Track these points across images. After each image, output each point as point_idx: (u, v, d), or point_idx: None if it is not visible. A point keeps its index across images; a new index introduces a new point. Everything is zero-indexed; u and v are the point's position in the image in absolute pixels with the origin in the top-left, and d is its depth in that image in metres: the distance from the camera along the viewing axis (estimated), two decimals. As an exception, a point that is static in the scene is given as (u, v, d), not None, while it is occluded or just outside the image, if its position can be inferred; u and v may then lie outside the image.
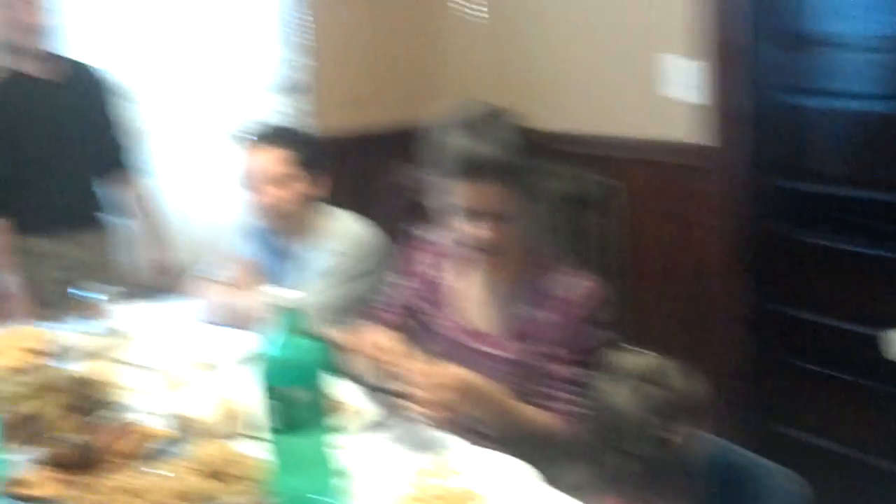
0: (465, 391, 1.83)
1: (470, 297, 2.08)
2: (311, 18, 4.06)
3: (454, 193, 1.91)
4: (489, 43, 4.17)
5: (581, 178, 3.46)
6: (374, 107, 4.28)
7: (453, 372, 1.84)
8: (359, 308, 2.52)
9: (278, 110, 4.02)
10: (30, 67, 3.27)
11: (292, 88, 4.04)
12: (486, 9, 4.14)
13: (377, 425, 1.91)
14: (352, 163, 4.06)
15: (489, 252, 1.95)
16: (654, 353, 1.63)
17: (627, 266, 3.51)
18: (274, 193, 2.57)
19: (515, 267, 2.01)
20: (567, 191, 3.42)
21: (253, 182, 2.59)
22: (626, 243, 3.52)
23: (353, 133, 4.15)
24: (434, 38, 4.44)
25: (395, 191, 3.30)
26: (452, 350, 2.05)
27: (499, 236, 1.92)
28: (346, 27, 4.20)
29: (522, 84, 3.88)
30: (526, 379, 1.95)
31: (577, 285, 1.96)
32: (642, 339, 1.77)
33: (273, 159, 2.58)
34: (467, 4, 4.20)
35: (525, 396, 1.94)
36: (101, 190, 3.45)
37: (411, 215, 3.23)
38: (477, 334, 2.04)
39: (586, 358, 1.89)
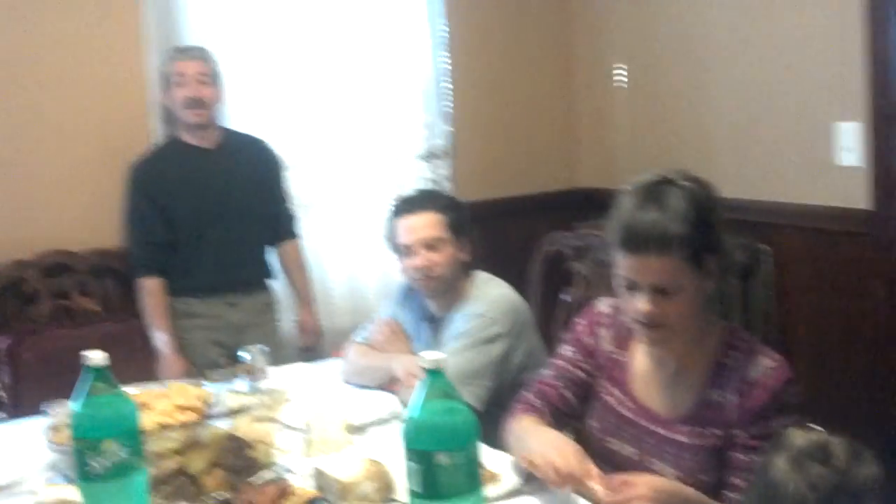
0: (662, 501, 1.72)
1: (643, 374, 1.98)
2: (452, 86, 4.16)
3: (621, 266, 1.83)
4: (631, 109, 4.17)
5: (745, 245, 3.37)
6: (511, 173, 4.33)
7: (646, 482, 1.74)
8: (494, 371, 2.52)
9: (422, 176, 4.11)
10: (190, 136, 3.46)
11: (434, 155, 4.13)
12: (626, 75, 4.15)
13: (517, 492, 1.89)
14: (490, 228, 4.10)
15: (654, 328, 1.84)
16: (819, 428, 1.55)
17: (776, 334, 3.38)
18: (427, 257, 2.61)
19: (689, 344, 1.89)
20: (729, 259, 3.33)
21: (407, 246, 2.63)
22: (776, 310, 3.40)
23: (491, 198, 4.20)
24: (574, 104, 4.48)
25: (538, 255, 3.29)
26: (623, 428, 1.97)
27: (667, 311, 1.81)
28: (485, 93, 4.28)
29: (665, 150, 3.86)
30: (703, 465, 1.83)
31: (761, 364, 1.81)
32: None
33: (428, 223, 2.63)
34: (616, 72, 4.21)
35: (701, 484, 1.81)
36: (256, 254, 3.59)
37: (553, 281, 3.24)
38: (650, 415, 1.94)
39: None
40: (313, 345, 3.66)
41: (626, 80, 4.16)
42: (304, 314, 3.68)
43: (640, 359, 1.99)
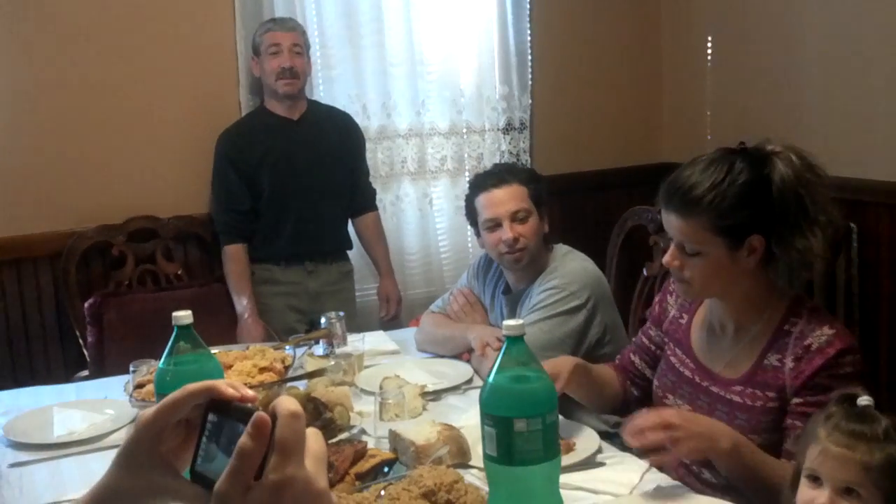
0: (691, 418, 1.78)
1: (704, 336, 2.01)
2: (532, 57, 4.13)
3: (665, 223, 1.91)
4: (716, 82, 4.08)
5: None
6: (592, 147, 4.29)
7: (668, 413, 1.80)
8: (571, 343, 2.51)
9: (501, 149, 4.09)
10: (278, 107, 3.51)
11: (513, 127, 4.11)
12: (712, 48, 4.07)
13: (592, 463, 1.88)
14: (569, 201, 4.07)
15: (678, 280, 1.91)
16: (869, 398, 1.51)
17: (860, 312, 3.30)
18: (515, 229, 2.59)
19: (748, 309, 1.90)
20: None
21: (492, 220, 2.62)
22: (860, 288, 3.31)
23: (570, 172, 4.17)
24: (658, 77, 4.41)
25: (619, 230, 3.27)
26: (681, 386, 2.01)
27: (688, 268, 1.86)
28: (566, 66, 4.24)
29: (751, 125, 3.77)
30: (755, 426, 1.83)
31: (820, 332, 1.80)
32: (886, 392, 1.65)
33: (513, 196, 2.61)
34: (703, 45, 4.13)
35: (759, 447, 1.81)
36: (335, 225, 3.63)
37: (633, 255, 3.21)
38: (708, 374, 1.95)
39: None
40: (395, 313, 3.69)
41: (711, 52, 4.08)
42: (386, 284, 3.71)
43: (700, 321, 2.03)
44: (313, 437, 0.86)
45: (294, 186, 3.47)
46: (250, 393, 0.90)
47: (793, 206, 1.79)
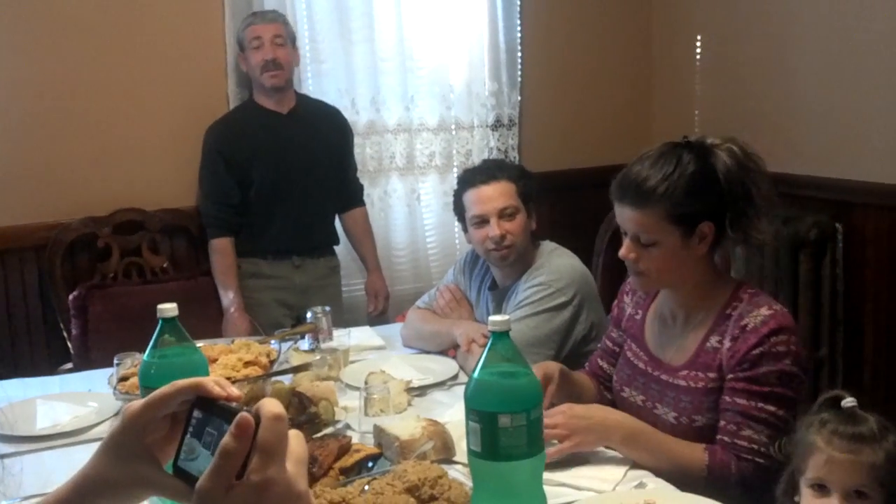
0: (581, 415, 1.88)
1: (656, 329, 2.11)
2: (522, 54, 4.13)
3: (615, 213, 1.98)
4: (707, 81, 4.09)
5: (797, 219, 3.31)
6: (581, 145, 4.29)
7: (562, 410, 1.90)
8: (556, 341, 2.52)
9: (489, 145, 4.09)
10: (266, 100, 3.50)
11: (502, 124, 4.11)
12: (702, 47, 4.08)
13: (577, 459, 1.89)
14: (557, 199, 4.07)
15: (634, 273, 1.99)
16: (874, 416, 1.52)
17: (844, 311, 3.32)
18: (502, 226, 2.59)
19: (696, 297, 1.99)
20: (785, 232, 3.28)
21: (480, 216, 2.62)
22: (845, 287, 3.33)
23: (559, 169, 4.17)
24: (649, 76, 4.41)
25: (606, 227, 3.27)
26: (636, 378, 2.09)
27: (643, 260, 1.94)
28: (556, 63, 4.23)
29: (741, 125, 3.78)
30: (698, 407, 1.93)
31: (757, 313, 1.88)
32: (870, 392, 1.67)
33: (502, 193, 2.61)
34: (693, 44, 4.14)
35: (696, 426, 1.92)
36: (324, 220, 3.62)
37: (616, 251, 3.21)
38: (658, 363, 2.05)
39: (760, 389, 1.83)
40: (382, 309, 3.69)
41: (702, 52, 4.08)
42: (374, 279, 3.71)
43: (653, 314, 2.13)
44: (295, 439, 0.87)
45: (284, 180, 3.46)
46: (236, 392, 0.92)
47: (739, 193, 1.89)
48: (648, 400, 2.04)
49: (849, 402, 1.52)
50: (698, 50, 4.10)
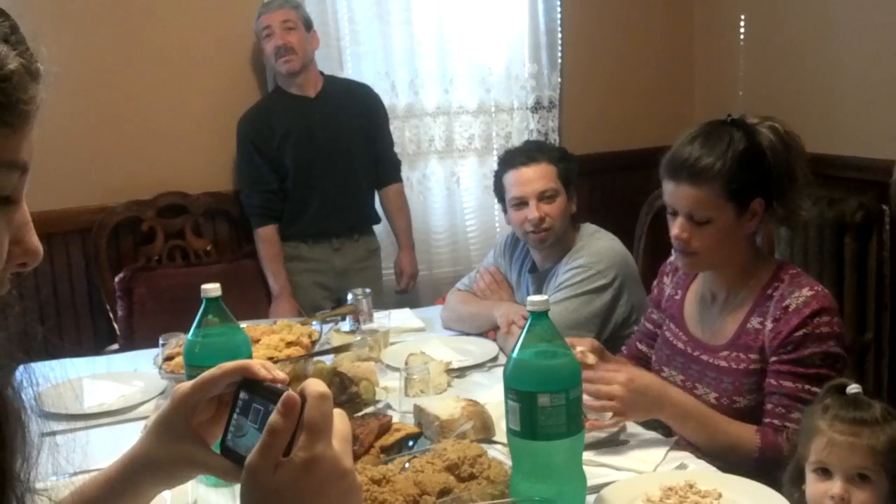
0: (641, 391, 1.84)
1: (696, 308, 2.11)
2: (562, 35, 4.10)
3: (663, 192, 1.98)
4: (749, 62, 4.04)
5: (842, 201, 3.26)
6: (621, 126, 4.26)
7: (630, 374, 1.86)
8: (596, 323, 2.51)
9: (529, 127, 4.08)
10: (290, 86, 3.52)
11: (542, 106, 4.09)
12: (745, 27, 4.02)
13: (616, 440, 1.88)
14: (598, 181, 4.05)
15: (685, 253, 1.97)
16: (881, 403, 1.54)
17: (891, 295, 3.27)
18: (542, 208, 2.58)
19: (737, 277, 2.00)
20: (830, 213, 3.24)
21: (519, 198, 2.61)
22: (891, 270, 3.27)
23: (600, 151, 4.14)
24: (690, 57, 4.36)
25: (647, 209, 3.25)
26: (675, 358, 2.09)
27: (696, 239, 1.93)
28: (596, 44, 4.20)
29: (784, 106, 3.73)
30: (739, 389, 1.93)
31: (799, 294, 1.88)
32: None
33: (541, 175, 2.60)
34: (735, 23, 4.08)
35: (736, 406, 1.92)
36: (361, 200, 3.64)
37: (662, 235, 3.19)
38: (698, 343, 2.05)
39: (806, 371, 1.84)
40: (408, 288, 3.70)
41: (746, 32, 4.03)
42: (404, 257, 3.71)
43: (693, 295, 2.13)
44: (339, 418, 0.89)
45: (317, 163, 3.48)
46: (282, 375, 0.95)
47: (784, 171, 1.92)
48: (688, 380, 2.04)
49: (853, 388, 1.56)
50: (742, 30, 4.05)
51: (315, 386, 0.87)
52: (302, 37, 3.46)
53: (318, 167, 3.49)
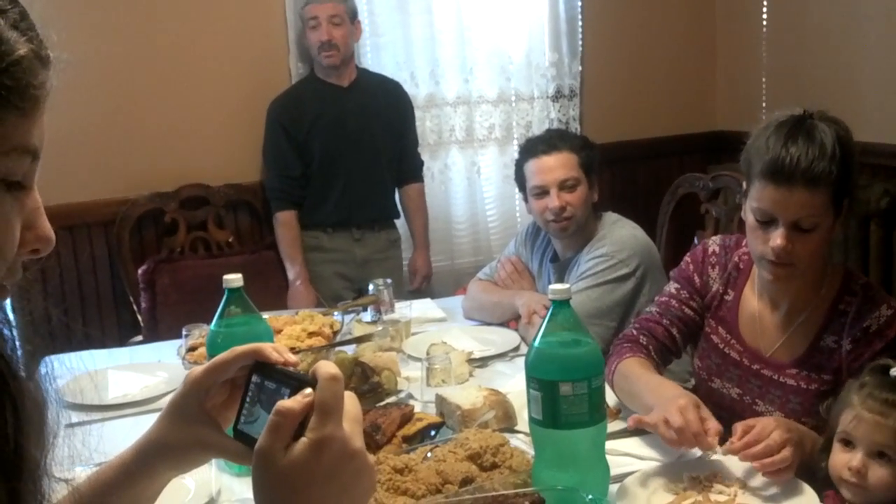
0: (797, 442, 1.61)
1: (753, 316, 1.93)
2: (583, 23, 4.08)
3: (761, 199, 1.76)
4: (772, 49, 4.00)
5: (867, 187, 3.23)
6: (643, 114, 4.24)
7: (771, 423, 1.63)
8: (618, 312, 2.50)
9: (550, 116, 4.06)
10: (326, 75, 3.53)
11: (563, 94, 4.07)
12: (767, 14, 3.99)
13: (638, 430, 1.87)
14: (619, 169, 4.04)
15: (783, 265, 1.77)
16: None
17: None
18: (562, 197, 2.56)
19: (806, 287, 1.85)
20: (873, 205, 3.20)
21: (540, 187, 2.60)
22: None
23: (621, 140, 4.12)
24: (712, 44, 4.33)
25: (670, 197, 3.23)
26: (728, 369, 1.96)
27: (799, 249, 1.75)
28: (617, 32, 4.18)
29: (807, 93, 3.69)
30: (809, 409, 1.82)
31: (878, 313, 1.77)
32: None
33: (562, 163, 2.59)
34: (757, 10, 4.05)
35: (812, 429, 1.74)
36: (383, 193, 3.64)
37: (684, 223, 3.17)
38: (758, 356, 1.91)
39: None
40: (422, 288, 3.70)
41: (768, 18, 3.99)
42: (418, 257, 3.72)
43: (749, 299, 1.95)
44: (350, 400, 0.89)
45: (344, 152, 3.49)
46: (293, 358, 0.96)
47: (855, 166, 1.79)
48: (746, 394, 1.91)
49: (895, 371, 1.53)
50: (764, 15, 4.01)
51: (326, 368, 0.87)
52: (347, 31, 3.49)
53: (344, 155, 3.50)
